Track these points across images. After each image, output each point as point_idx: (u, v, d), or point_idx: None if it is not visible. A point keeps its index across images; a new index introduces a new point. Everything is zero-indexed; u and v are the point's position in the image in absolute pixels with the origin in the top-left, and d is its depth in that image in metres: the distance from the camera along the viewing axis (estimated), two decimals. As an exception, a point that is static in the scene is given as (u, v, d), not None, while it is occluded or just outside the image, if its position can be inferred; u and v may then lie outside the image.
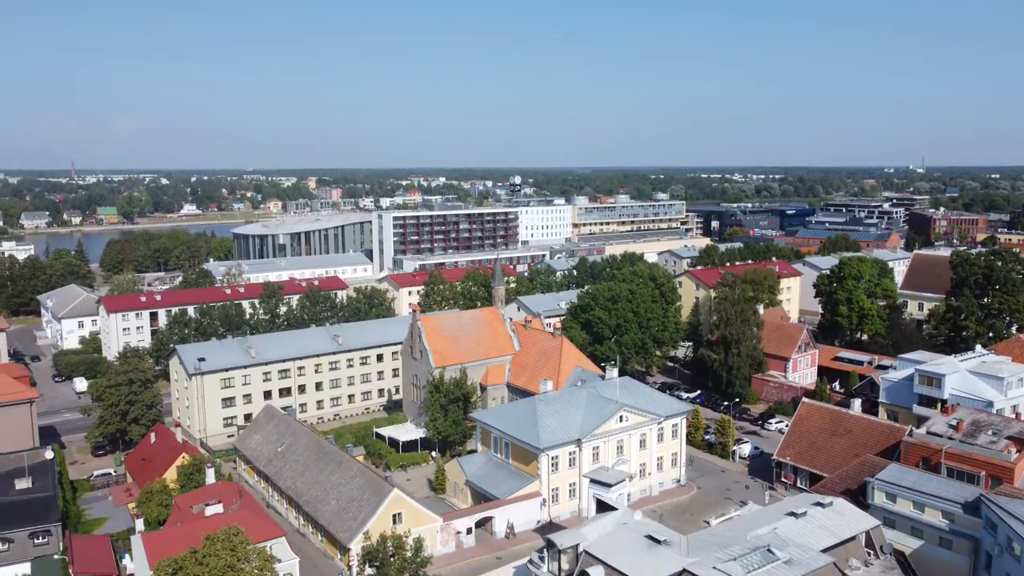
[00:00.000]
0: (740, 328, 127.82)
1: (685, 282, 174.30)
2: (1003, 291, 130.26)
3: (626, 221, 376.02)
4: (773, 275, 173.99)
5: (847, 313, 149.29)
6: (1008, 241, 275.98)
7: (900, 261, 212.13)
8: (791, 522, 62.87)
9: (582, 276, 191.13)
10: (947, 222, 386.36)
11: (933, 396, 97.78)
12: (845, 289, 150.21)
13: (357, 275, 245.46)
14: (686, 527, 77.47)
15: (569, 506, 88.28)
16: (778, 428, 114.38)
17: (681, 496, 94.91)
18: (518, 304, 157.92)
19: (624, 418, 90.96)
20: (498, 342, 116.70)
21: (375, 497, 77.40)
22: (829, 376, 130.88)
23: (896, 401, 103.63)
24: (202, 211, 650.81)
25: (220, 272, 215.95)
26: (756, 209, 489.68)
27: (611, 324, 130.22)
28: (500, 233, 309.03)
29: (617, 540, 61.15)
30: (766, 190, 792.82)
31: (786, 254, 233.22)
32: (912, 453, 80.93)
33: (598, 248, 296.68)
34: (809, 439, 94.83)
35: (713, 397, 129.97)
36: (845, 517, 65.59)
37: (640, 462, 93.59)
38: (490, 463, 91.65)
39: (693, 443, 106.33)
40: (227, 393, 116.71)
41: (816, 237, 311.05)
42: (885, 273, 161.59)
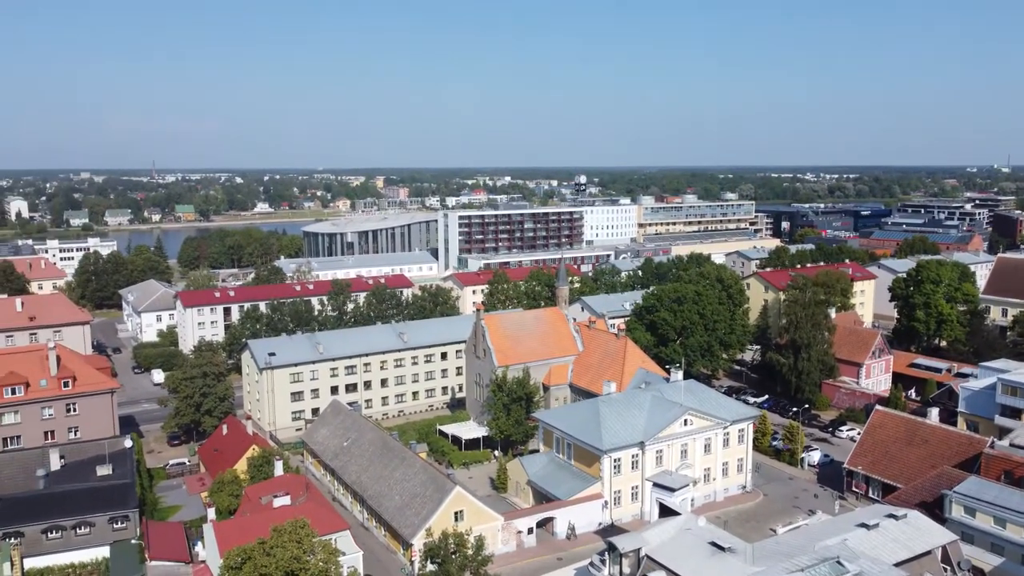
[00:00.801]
0: (810, 332, 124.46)
1: (753, 284, 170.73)
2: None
3: (693, 221, 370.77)
4: (846, 278, 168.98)
5: (924, 318, 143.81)
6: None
7: (982, 265, 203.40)
8: (862, 534, 60.87)
9: (647, 277, 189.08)
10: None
11: (1017, 407, 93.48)
12: (923, 293, 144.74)
13: (422, 273, 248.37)
14: (751, 535, 75.88)
15: (631, 509, 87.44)
16: (849, 436, 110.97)
17: (747, 503, 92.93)
18: (582, 304, 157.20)
19: (688, 422, 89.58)
20: (561, 342, 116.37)
21: (437, 494, 78.11)
22: (904, 383, 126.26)
23: (976, 411, 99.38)
24: (274, 209, 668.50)
25: (290, 269, 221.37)
26: (829, 210, 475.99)
27: (676, 326, 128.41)
28: (564, 233, 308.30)
29: (679, 545, 60.25)
30: (840, 190, 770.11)
31: (860, 256, 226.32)
32: (993, 466, 77.40)
33: (664, 248, 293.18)
34: (882, 448, 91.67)
35: (781, 402, 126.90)
36: (920, 530, 63.15)
37: (704, 467, 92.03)
38: (552, 463, 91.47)
39: (760, 449, 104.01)
40: (296, 387, 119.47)
41: (892, 239, 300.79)
42: (966, 277, 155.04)
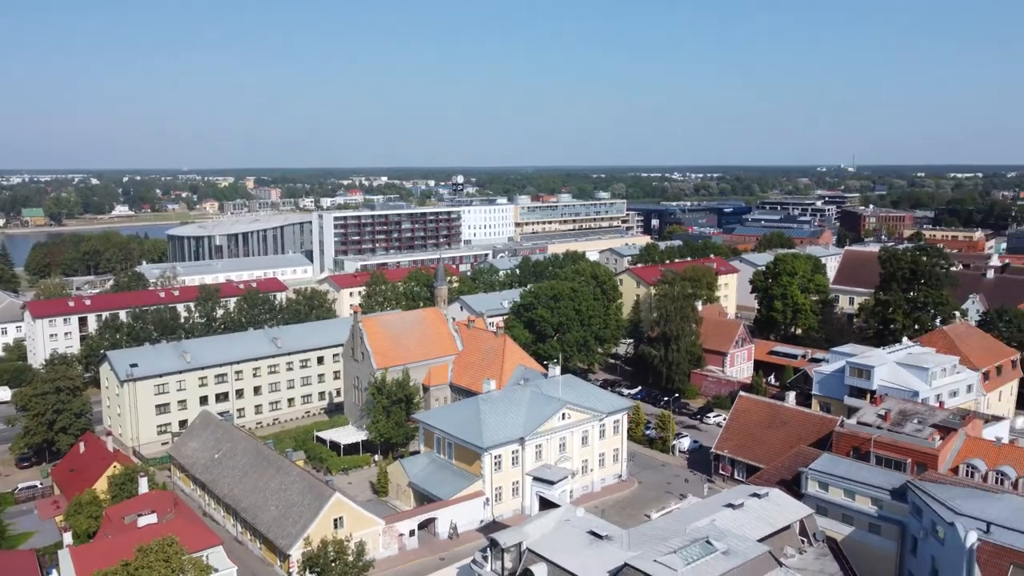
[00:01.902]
0: (679, 324, 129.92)
1: (626, 280, 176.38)
2: (928, 285, 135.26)
3: (568, 220, 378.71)
4: (711, 272, 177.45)
5: (782, 308, 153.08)
6: (933, 237, 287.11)
7: (832, 257, 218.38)
8: (729, 513, 64.08)
9: (525, 275, 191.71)
10: (876, 219, 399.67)
11: (863, 387, 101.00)
12: (780, 285, 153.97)
13: (297, 276, 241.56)
14: (628, 521, 78.45)
15: (512, 505, 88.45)
16: (716, 422, 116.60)
17: (623, 491, 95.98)
18: (461, 304, 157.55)
19: (566, 416, 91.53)
20: (441, 342, 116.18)
21: (316, 502, 76.25)
22: (765, 370, 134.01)
23: (828, 393, 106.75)
24: (135, 212, 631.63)
25: (154, 275, 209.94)
26: (695, 208, 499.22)
27: (554, 322, 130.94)
28: (443, 233, 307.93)
29: (560, 537, 61.48)
30: (705, 189, 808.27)
31: (724, 251, 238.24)
32: (843, 443, 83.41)
33: (541, 247, 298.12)
34: (746, 432, 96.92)
35: (653, 393, 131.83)
36: (780, 507, 67.14)
37: (582, 459, 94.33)
38: (433, 464, 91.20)
39: (634, 439, 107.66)
40: (161, 399, 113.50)
41: (752, 235, 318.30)
42: (818, 269, 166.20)
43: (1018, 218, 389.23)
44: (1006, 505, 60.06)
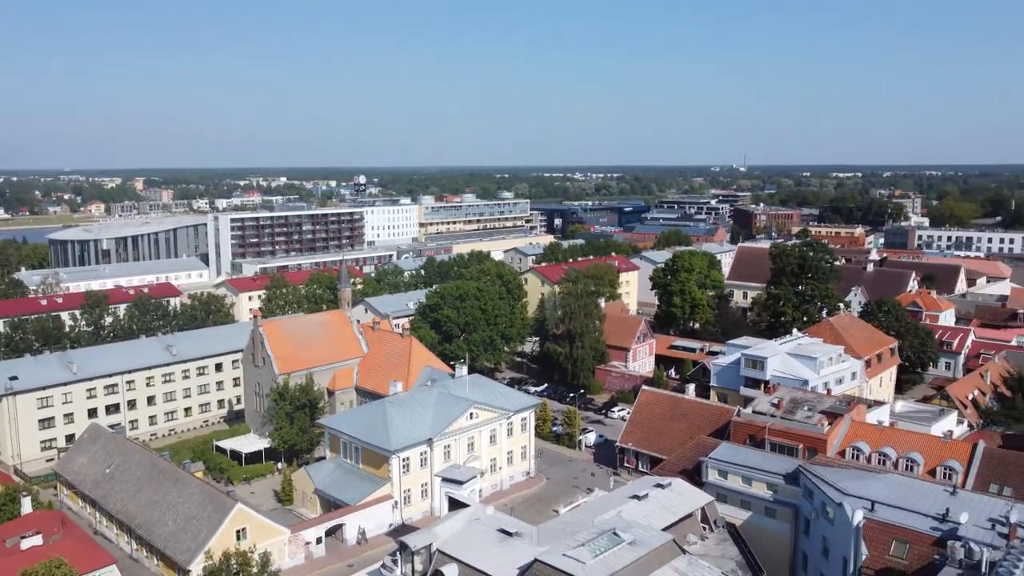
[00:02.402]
0: (583, 321, 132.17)
1: (531, 279, 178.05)
2: (815, 279, 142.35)
3: (473, 220, 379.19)
4: (613, 270, 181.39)
5: (681, 304, 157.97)
6: (818, 233, 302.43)
7: (726, 254, 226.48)
8: (634, 504, 65.67)
9: (430, 276, 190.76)
10: (766, 217, 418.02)
11: (757, 378, 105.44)
12: (678, 281, 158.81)
13: (192, 281, 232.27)
14: (537, 518, 79.23)
15: (422, 507, 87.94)
16: (620, 416, 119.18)
17: (531, 488, 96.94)
18: (365, 306, 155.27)
19: (474, 415, 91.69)
20: (345, 345, 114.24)
21: (217, 514, 73.61)
22: (666, 364, 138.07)
23: (725, 384, 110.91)
24: (11, 215, 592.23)
25: (34, 282, 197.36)
26: (596, 207, 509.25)
27: (460, 322, 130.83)
28: (345, 234, 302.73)
29: (470, 536, 61.50)
30: (605, 188, 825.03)
31: (624, 249, 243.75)
32: (740, 431, 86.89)
33: (445, 247, 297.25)
34: (649, 424, 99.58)
35: (559, 389, 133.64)
36: (683, 496, 69.31)
37: (491, 457, 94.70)
38: (339, 469, 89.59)
39: (542, 435, 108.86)
40: (45, 413, 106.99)
41: (652, 233, 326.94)
42: (714, 265, 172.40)
43: (894, 215, 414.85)
44: (888, 484, 63.98)
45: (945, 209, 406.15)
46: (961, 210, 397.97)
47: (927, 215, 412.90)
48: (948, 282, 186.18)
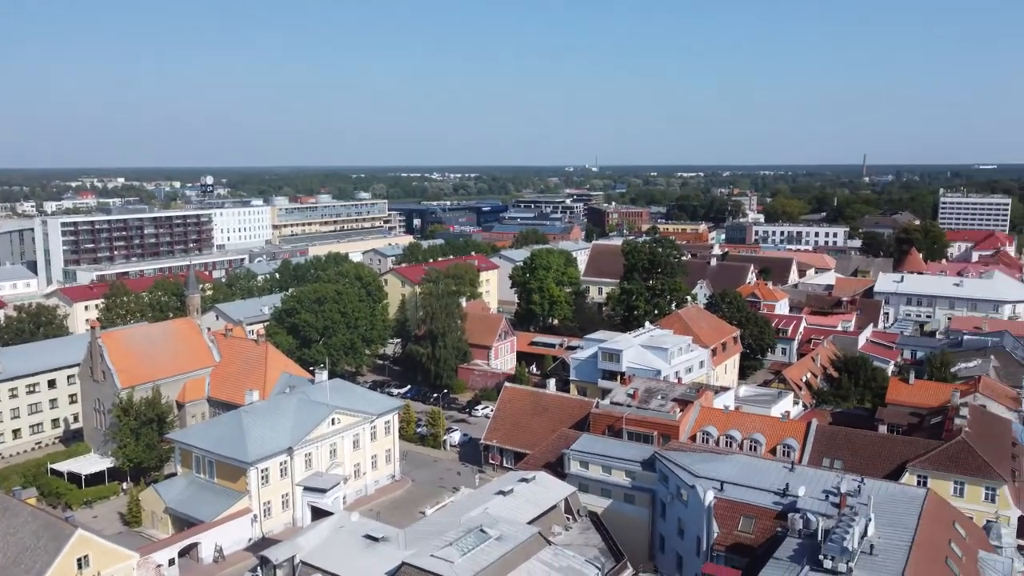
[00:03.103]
0: (445, 321, 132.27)
1: (391, 280, 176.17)
2: (664, 274, 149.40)
3: (329, 221, 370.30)
4: (473, 269, 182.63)
5: (540, 301, 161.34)
6: (666, 230, 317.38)
7: (582, 251, 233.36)
8: (500, 500, 66.52)
9: (286, 279, 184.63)
10: (618, 215, 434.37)
11: (614, 370, 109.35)
12: (537, 279, 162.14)
13: (18, 291, 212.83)
14: (403, 520, 78.60)
15: (283, 518, 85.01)
16: (484, 413, 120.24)
17: (397, 491, 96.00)
18: (216, 312, 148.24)
19: (336, 420, 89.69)
20: (196, 354, 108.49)
21: (54, 542, 67.80)
22: (527, 360, 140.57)
23: (584, 377, 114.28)
24: None
25: None
26: (455, 207, 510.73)
27: (319, 326, 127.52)
28: (192, 237, 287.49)
29: (335, 544, 60.17)
30: (463, 188, 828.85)
31: (484, 249, 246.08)
32: (599, 422, 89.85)
33: (301, 250, 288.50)
34: (512, 420, 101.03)
35: (423, 390, 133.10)
36: (547, 488, 70.93)
37: (355, 463, 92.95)
38: (192, 485, 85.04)
39: (406, 437, 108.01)
40: None
41: (510, 232, 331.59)
42: (570, 263, 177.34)
43: (733, 212, 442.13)
44: (734, 464, 68.22)
45: (778, 206, 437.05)
46: (791, 207, 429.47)
47: (762, 212, 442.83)
48: (782, 274, 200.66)
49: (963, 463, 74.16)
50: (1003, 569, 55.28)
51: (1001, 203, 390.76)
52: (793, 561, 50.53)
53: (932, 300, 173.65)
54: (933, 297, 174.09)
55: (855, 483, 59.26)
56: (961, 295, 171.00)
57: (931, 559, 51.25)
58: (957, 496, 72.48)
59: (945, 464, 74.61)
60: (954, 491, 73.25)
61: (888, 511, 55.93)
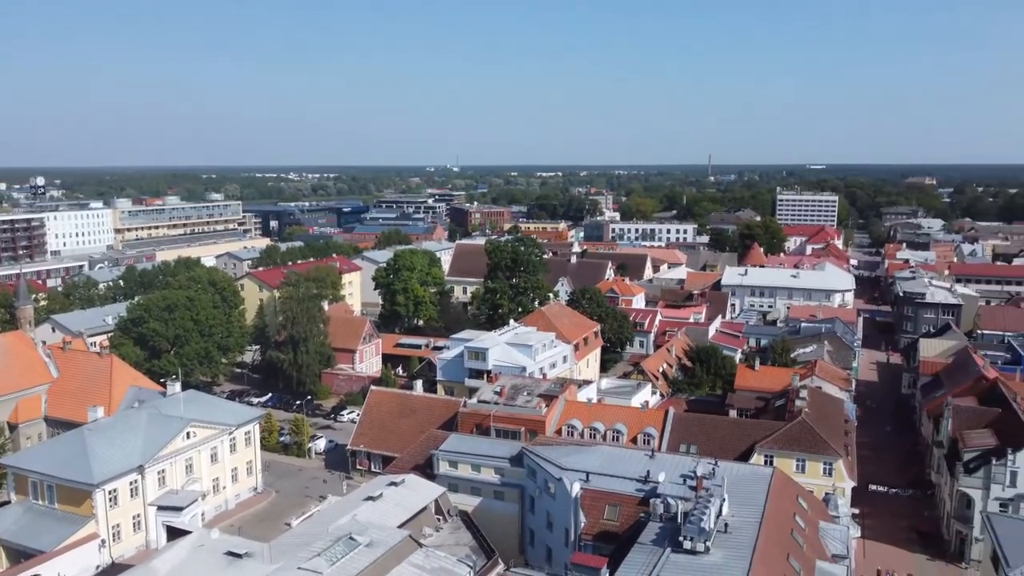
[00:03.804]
0: (307, 326, 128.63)
1: (248, 284, 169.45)
2: (527, 272, 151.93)
3: (178, 224, 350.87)
4: (335, 271, 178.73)
5: (404, 302, 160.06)
6: (527, 229, 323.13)
7: (446, 251, 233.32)
8: (369, 506, 65.45)
9: (131, 286, 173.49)
10: (480, 215, 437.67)
11: (480, 368, 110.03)
12: (401, 280, 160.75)
13: None
14: (268, 534, 75.77)
15: (135, 541, 79.82)
16: (351, 418, 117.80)
17: (260, 504, 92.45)
18: (53, 324, 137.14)
19: (192, 434, 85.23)
20: (29, 371, 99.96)
21: None
22: (393, 362, 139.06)
23: (451, 377, 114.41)
24: None
25: None
26: (314, 208, 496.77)
27: (169, 336, 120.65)
28: (22, 243, 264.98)
29: (193, 564, 57.13)
30: (322, 189, 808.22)
31: (346, 250, 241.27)
32: (467, 421, 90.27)
33: (148, 255, 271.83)
34: (380, 424, 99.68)
35: (285, 398, 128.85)
36: (416, 491, 70.47)
37: (213, 477, 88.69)
38: (29, 513, 78.17)
39: (269, 447, 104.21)
40: None
41: (372, 233, 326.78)
42: (434, 263, 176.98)
43: (591, 210, 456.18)
44: (599, 455, 70.43)
45: (632, 205, 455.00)
46: (645, 205, 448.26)
47: (618, 210, 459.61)
48: (638, 270, 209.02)
49: (804, 441, 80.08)
50: (840, 536, 60.18)
51: (829, 200, 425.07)
52: (656, 544, 52.83)
53: (773, 291, 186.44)
54: (774, 288, 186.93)
55: (710, 466, 62.65)
56: (797, 286, 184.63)
57: (779, 532, 55.04)
58: (799, 472, 78.08)
59: (788, 443, 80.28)
60: (796, 468, 78.90)
61: (740, 490, 59.54)
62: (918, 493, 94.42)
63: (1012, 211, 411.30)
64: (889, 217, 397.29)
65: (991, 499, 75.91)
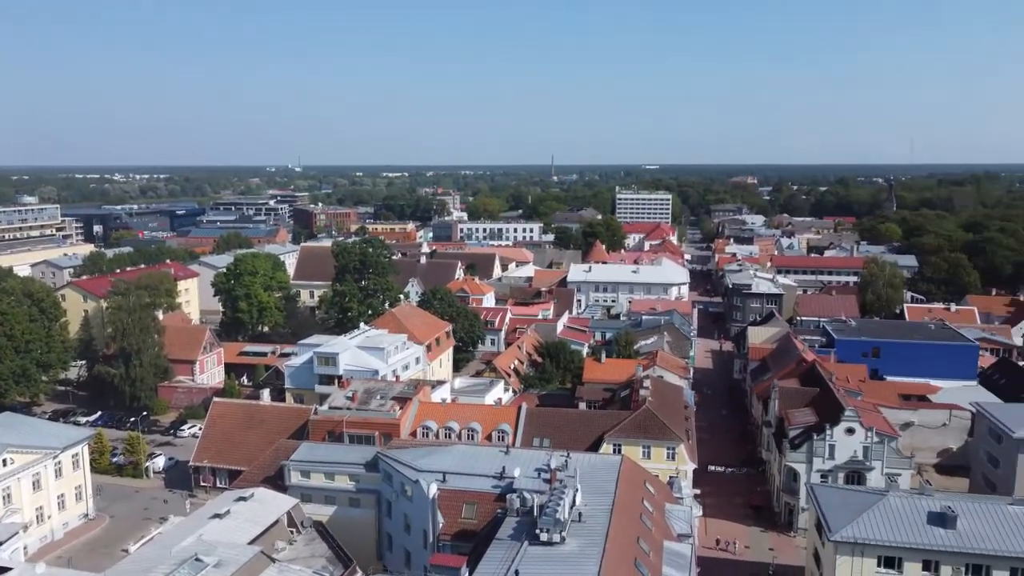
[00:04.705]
0: (139, 337, 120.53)
1: (70, 295, 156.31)
2: (376, 274, 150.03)
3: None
4: (169, 278, 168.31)
5: (247, 308, 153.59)
6: (375, 230, 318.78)
7: (290, 254, 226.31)
8: (216, 524, 62.32)
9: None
10: (326, 216, 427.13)
11: (331, 374, 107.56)
12: (243, 285, 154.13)
13: None
14: (103, 563, 70.49)
15: (-57, 584, 71.61)
16: (192, 433, 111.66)
17: (92, 531, 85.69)
18: None
19: (9, 460, 77.68)
20: None
21: None
22: (237, 372, 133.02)
23: (301, 384, 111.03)
24: None
25: None
26: (144, 211, 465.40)
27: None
28: None
29: (16, 604, 52.16)
30: (152, 190, 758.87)
31: (181, 255, 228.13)
32: (319, 429, 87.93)
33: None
34: (225, 437, 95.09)
35: (117, 415, 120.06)
36: (267, 504, 67.83)
37: (36, 506, 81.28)
38: None
39: (101, 469, 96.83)
40: None
41: (209, 236, 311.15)
42: (278, 266, 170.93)
43: (439, 210, 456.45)
44: (455, 455, 70.72)
45: (479, 205, 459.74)
46: (492, 205, 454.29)
47: (465, 210, 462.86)
48: (487, 269, 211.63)
49: (648, 429, 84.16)
50: (684, 516, 63.77)
51: (663, 199, 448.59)
52: (514, 539, 53.73)
53: (615, 286, 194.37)
54: (616, 284, 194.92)
55: (562, 458, 64.47)
56: (638, 280, 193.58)
57: (629, 517, 57.56)
58: (646, 458, 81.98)
59: (634, 431, 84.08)
60: (643, 454, 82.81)
61: (592, 480, 61.70)
62: (751, 470, 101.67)
63: (822, 207, 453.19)
64: (718, 214, 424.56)
65: (814, 471, 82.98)
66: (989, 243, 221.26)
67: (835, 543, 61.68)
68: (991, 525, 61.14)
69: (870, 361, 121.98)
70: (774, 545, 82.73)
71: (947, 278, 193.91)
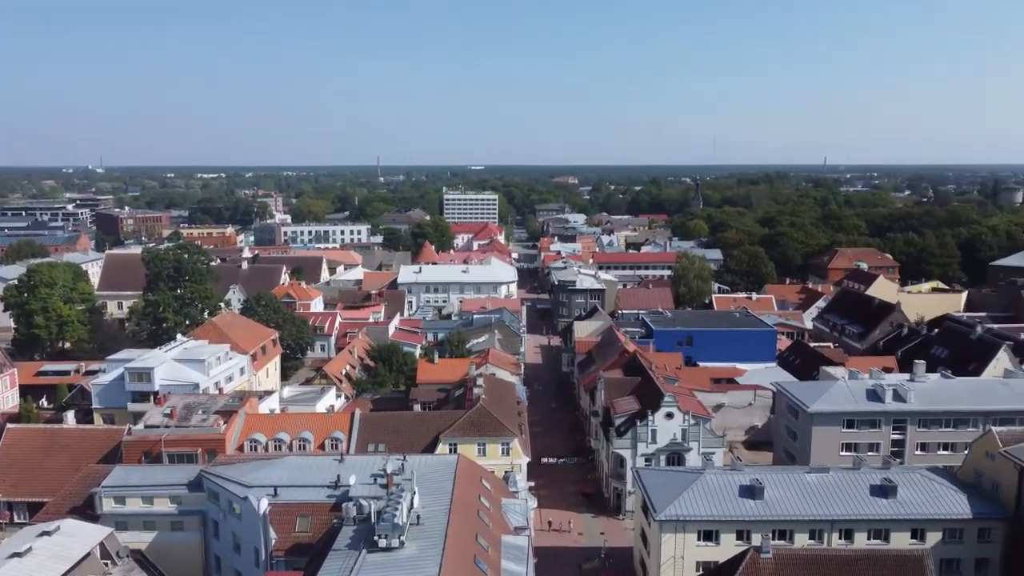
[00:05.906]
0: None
1: None
2: (193, 281, 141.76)
3: None
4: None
5: (45, 323, 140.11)
6: (190, 235, 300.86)
7: (94, 262, 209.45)
8: (15, 564, 56.26)
9: None
10: (134, 220, 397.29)
11: (145, 390, 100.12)
12: (39, 298, 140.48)
13: None
14: None
15: None
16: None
17: None
18: None
19: None
20: None
21: None
22: (35, 394, 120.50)
23: (111, 403, 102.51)
24: None
25: None
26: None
27: None
28: None
29: None
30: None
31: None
32: (133, 451, 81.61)
33: None
34: (22, 467, 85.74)
35: None
36: (75, 537, 62.08)
37: None
38: None
39: None
40: None
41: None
42: (80, 276, 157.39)
43: (260, 213, 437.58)
44: (286, 467, 68.20)
45: (303, 207, 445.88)
46: (317, 207, 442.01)
47: (289, 212, 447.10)
48: (314, 272, 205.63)
49: (483, 426, 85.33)
50: (520, 510, 65.30)
51: (490, 199, 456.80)
52: (351, 548, 52.65)
53: (446, 286, 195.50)
54: (447, 284, 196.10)
55: (399, 462, 63.96)
56: (468, 280, 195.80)
57: (466, 516, 58.12)
58: (481, 455, 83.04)
59: (469, 430, 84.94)
60: (479, 451, 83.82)
61: (429, 481, 61.70)
62: (582, 459, 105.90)
63: (638, 205, 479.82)
64: (542, 213, 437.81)
65: (638, 456, 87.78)
66: (782, 237, 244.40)
67: (660, 522, 65.61)
68: (792, 493, 67.58)
69: (685, 349, 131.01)
70: (605, 529, 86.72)
71: (748, 270, 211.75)
